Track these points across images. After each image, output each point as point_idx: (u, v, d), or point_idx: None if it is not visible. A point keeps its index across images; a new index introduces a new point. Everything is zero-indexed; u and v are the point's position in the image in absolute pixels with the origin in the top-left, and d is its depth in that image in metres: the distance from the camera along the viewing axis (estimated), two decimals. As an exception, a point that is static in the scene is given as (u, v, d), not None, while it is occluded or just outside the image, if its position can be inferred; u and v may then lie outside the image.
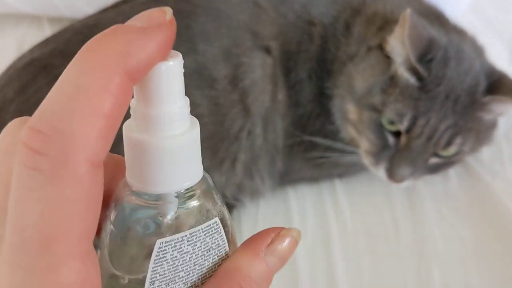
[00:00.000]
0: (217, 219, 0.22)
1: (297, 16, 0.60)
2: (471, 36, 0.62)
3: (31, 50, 0.61)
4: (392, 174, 0.56)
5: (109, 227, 0.21)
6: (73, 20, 0.74)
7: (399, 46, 0.53)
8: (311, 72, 0.60)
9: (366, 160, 0.59)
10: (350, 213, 0.64)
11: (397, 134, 0.56)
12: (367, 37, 0.59)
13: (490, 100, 0.55)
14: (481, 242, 0.60)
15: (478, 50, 0.61)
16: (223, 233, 0.22)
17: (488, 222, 0.62)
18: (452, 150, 0.56)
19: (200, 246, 0.21)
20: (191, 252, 0.21)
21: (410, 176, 0.57)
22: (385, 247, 0.61)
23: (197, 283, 0.22)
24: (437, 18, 0.62)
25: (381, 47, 0.56)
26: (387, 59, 0.56)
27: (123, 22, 0.18)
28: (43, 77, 0.55)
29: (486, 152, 0.64)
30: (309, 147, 0.62)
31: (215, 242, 0.22)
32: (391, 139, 0.56)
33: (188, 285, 0.22)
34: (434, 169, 0.60)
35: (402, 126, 0.54)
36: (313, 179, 0.67)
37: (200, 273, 0.22)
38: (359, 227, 0.62)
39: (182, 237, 0.21)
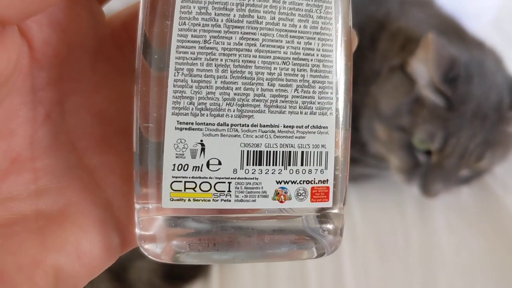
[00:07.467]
0: None
1: None
2: (490, 48, 0.63)
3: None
4: (427, 191, 0.58)
5: None
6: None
7: (422, 68, 0.53)
8: None
9: (398, 177, 0.60)
10: (361, 220, 0.65)
11: (428, 152, 0.57)
12: (390, 56, 0.59)
13: None
14: (489, 254, 0.61)
15: (498, 62, 0.61)
16: None
17: (498, 234, 0.63)
18: (482, 164, 0.57)
19: None
20: None
21: (444, 190, 0.58)
22: (394, 254, 0.62)
23: None
24: (457, 32, 0.62)
25: (402, 67, 0.57)
26: (410, 79, 0.56)
27: None
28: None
29: (498, 166, 0.64)
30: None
31: None
32: (422, 157, 0.57)
33: None
34: (466, 181, 0.61)
35: (433, 146, 0.55)
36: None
37: None
38: (368, 234, 0.64)
39: None
